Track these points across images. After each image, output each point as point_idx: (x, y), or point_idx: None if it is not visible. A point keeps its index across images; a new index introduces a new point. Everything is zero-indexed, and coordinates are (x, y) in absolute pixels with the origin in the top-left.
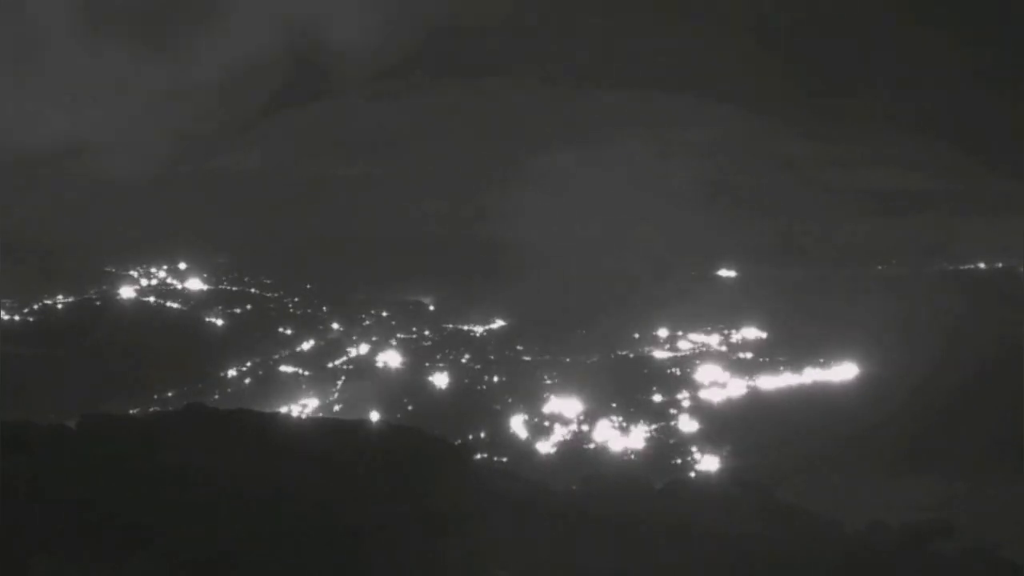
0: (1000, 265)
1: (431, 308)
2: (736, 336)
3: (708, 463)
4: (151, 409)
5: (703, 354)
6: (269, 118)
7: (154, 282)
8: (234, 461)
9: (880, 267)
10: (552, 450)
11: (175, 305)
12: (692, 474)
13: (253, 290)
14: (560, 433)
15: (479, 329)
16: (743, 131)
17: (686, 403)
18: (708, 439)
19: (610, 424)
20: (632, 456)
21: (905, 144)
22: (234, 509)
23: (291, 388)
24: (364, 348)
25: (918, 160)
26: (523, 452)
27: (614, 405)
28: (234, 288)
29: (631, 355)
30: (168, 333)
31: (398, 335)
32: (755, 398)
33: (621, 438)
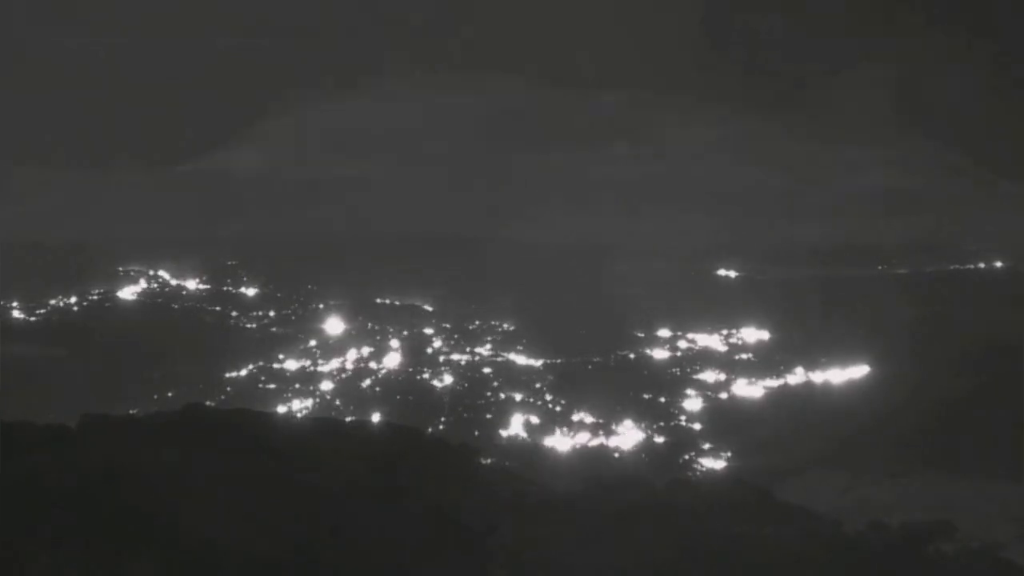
0: (1000, 265)
1: (431, 308)
2: (736, 336)
3: (709, 463)
4: (151, 409)
5: (703, 354)
6: (269, 118)
7: (154, 282)
8: (234, 461)
9: (880, 267)
10: (552, 451)
11: (175, 305)
12: (692, 474)
13: (253, 290)
14: (560, 434)
15: (479, 329)
16: (742, 132)
17: (686, 403)
18: (709, 439)
19: (611, 424)
20: (633, 456)
21: (905, 144)
22: (234, 509)
23: (291, 388)
24: (364, 349)
25: (918, 160)
26: (523, 453)
27: (615, 406)
28: (234, 288)
29: (631, 355)
30: (168, 333)
31: (398, 335)
32: (755, 398)
33: (622, 438)
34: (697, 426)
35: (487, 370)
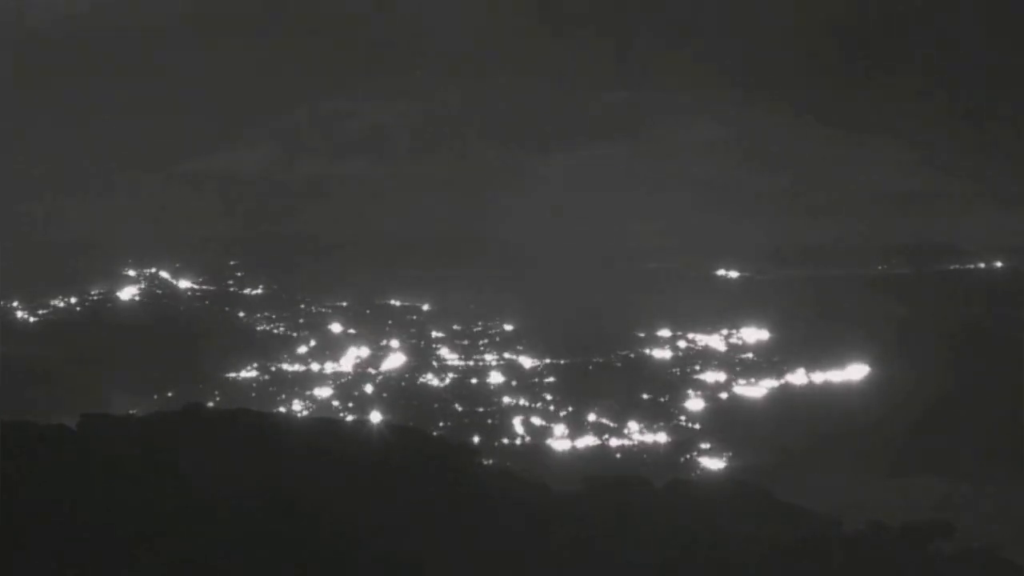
0: (1000, 265)
1: (431, 308)
2: (737, 336)
3: (708, 463)
4: (151, 409)
5: (704, 354)
6: (269, 118)
7: (154, 282)
8: (233, 461)
9: (880, 267)
10: (552, 450)
11: (175, 305)
12: (692, 474)
13: (253, 290)
14: (560, 433)
15: (480, 330)
16: (744, 131)
17: (686, 403)
18: (708, 439)
19: (610, 424)
20: (632, 456)
21: (905, 144)
22: (234, 509)
23: (291, 388)
24: (364, 348)
25: (918, 160)
26: (524, 452)
27: (615, 405)
28: (234, 288)
29: (631, 355)
30: (168, 333)
31: (398, 335)
32: (755, 398)
33: (621, 438)
34: (697, 426)
35: (488, 370)
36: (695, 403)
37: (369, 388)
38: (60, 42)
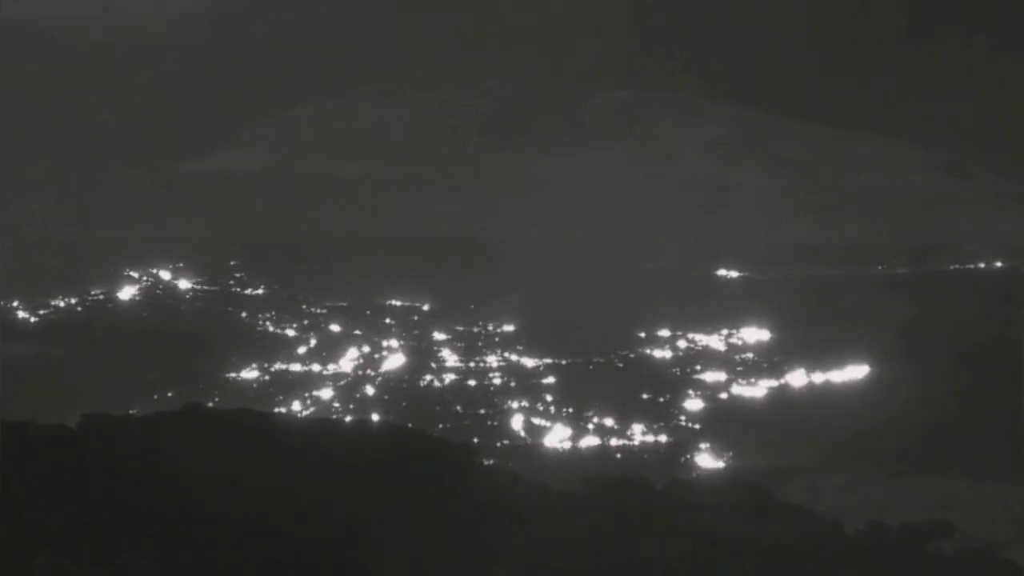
0: (1000, 265)
1: (431, 308)
2: (736, 336)
3: (708, 463)
4: (151, 409)
5: (703, 354)
6: (269, 118)
7: (155, 283)
8: (234, 461)
9: (880, 267)
10: (552, 450)
11: (175, 306)
12: (692, 474)
13: (253, 290)
14: (560, 433)
15: (479, 330)
16: (743, 131)
17: (686, 403)
18: (708, 439)
19: (610, 424)
20: (632, 456)
21: (905, 144)
22: (233, 509)
23: (291, 388)
24: (364, 348)
25: (918, 160)
26: (523, 452)
27: (614, 405)
28: (234, 288)
29: (631, 355)
30: (168, 333)
31: (398, 335)
32: (755, 398)
33: (621, 438)
34: (696, 426)
35: (488, 371)
36: (695, 403)
37: (369, 388)
38: (62, 40)
